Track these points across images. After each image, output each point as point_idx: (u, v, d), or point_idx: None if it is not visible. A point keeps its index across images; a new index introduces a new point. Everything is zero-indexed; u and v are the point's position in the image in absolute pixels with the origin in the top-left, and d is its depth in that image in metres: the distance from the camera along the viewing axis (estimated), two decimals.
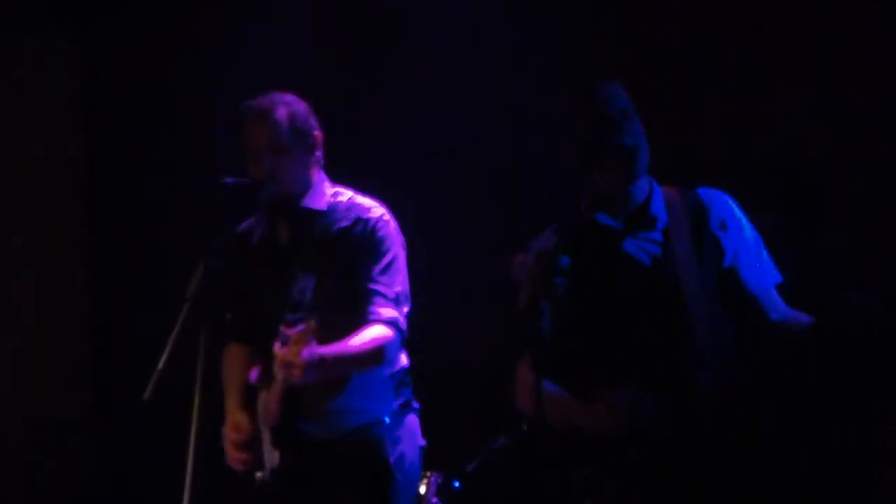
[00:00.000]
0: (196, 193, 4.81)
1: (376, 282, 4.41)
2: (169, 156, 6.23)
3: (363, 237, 4.45)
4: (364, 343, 4.34)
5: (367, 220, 4.46)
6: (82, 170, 6.47)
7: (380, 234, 4.45)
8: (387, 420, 4.50)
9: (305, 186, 4.49)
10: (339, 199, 4.52)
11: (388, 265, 4.44)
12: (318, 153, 4.53)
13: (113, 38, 6.43)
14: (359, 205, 4.50)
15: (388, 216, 4.51)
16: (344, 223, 4.47)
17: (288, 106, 4.46)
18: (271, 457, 4.40)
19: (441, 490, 4.98)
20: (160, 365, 3.91)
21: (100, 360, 6.45)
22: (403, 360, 4.57)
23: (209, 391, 4.00)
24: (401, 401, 4.55)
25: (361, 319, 4.37)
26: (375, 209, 4.50)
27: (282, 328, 4.17)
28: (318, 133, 4.52)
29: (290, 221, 4.51)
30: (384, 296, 4.40)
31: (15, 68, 6.40)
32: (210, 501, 4.17)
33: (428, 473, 4.95)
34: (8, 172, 6.36)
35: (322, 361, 4.19)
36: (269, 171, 4.39)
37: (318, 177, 4.54)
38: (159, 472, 4.87)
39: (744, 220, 3.92)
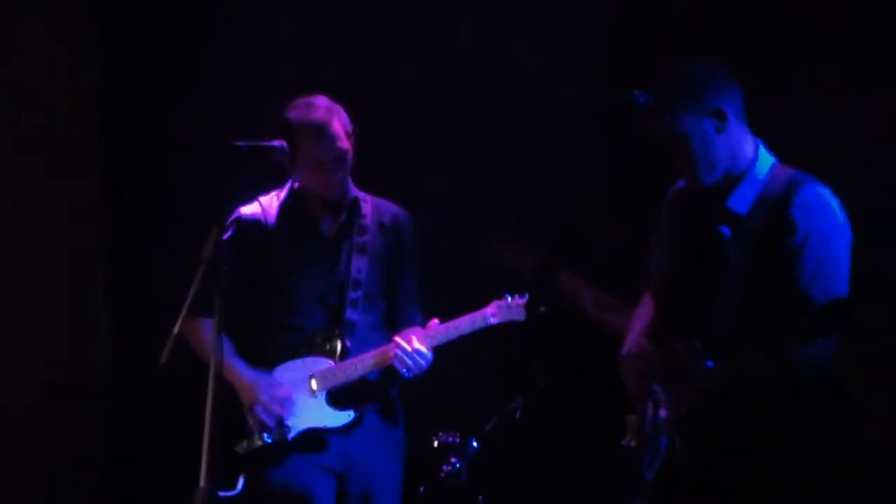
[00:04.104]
0: (212, 162, 4.81)
1: (418, 276, 4.71)
2: (185, 122, 6.21)
3: (407, 232, 4.71)
4: None
5: (408, 220, 4.74)
6: (99, 138, 6.46)
7: (413, 233, 4.72)
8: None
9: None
10: (361, 193, 4.71)
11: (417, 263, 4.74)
12: None
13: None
14: (389, 202, 4.75)
15: None
16: (386, 218, 4.69)
17: (336, 112, 4.55)
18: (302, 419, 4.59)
19: (459, 450, 5.02)
20: (175, 329, 3.91)
21: (116, 324, 6.45)
22: None
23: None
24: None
25: (399, 305, 4.69)
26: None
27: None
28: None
29: (338, 212, 4.64)
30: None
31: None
32: (227, 463, 4.20)
33: (441, 434, 5.05)
34: (23, 137, 6.33)
35: None
36: (341, 181, 4.57)
37: None
38: (175, 439, 4.88)
39: None
